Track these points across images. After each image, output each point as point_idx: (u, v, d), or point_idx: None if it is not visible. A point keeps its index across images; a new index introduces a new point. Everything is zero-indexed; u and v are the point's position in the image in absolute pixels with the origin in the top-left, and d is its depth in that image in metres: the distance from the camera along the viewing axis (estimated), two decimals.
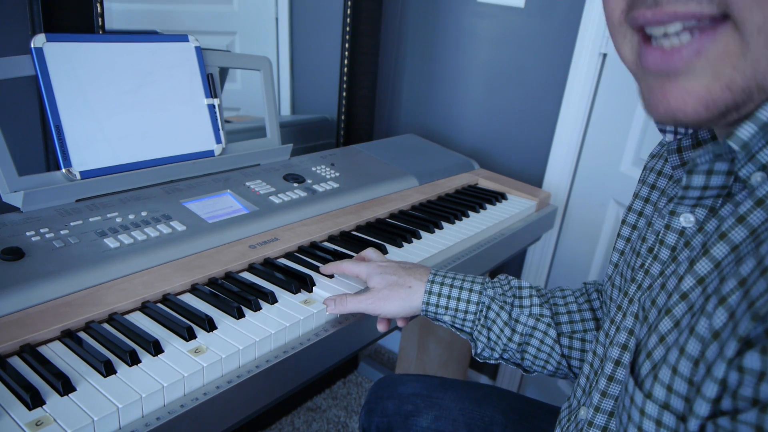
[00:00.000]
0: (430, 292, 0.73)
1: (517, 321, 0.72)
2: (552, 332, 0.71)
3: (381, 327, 0.77)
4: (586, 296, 0.74)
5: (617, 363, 0.52)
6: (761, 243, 0.36)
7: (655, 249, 0.49)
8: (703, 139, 0.50)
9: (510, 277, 0.77)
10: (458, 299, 0.73)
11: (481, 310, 0.72)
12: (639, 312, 0.50)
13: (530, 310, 0.72)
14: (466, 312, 0.73)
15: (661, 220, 0.51)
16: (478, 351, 0.74)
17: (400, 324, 0.78)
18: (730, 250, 0.39)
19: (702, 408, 0.37)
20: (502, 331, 0.72)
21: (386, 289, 0.73)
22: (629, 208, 0.60)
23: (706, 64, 0.36)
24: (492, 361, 0.75)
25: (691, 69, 0.37)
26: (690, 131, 0.50)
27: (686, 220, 0.46)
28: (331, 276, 0.83)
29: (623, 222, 0.61)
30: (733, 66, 0.35)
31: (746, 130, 0.37)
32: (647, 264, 0.51)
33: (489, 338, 0.73)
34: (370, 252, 0.82)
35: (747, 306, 0.35)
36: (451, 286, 0.73)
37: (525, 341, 0.72)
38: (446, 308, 0.73)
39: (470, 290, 0.73)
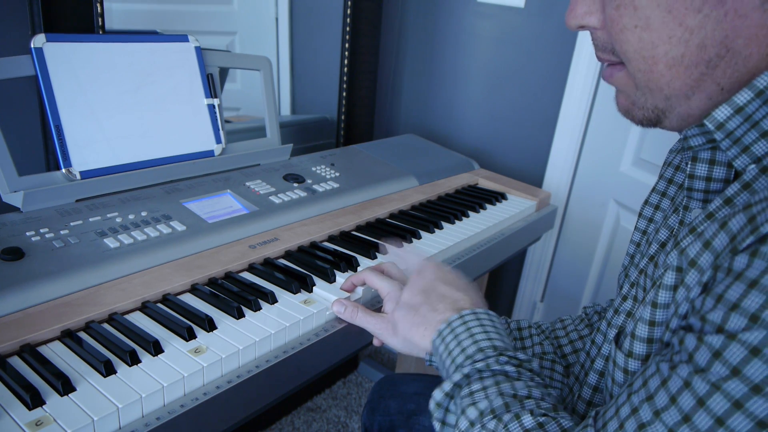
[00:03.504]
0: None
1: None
2: (558, 367, 0.71)
3: (376, 342, 0.72)
4: (587, 321, 0.74)
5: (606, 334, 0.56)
6: (732, 216, 0.40)
7: (669, 244, 0.51)
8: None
9: (509, 320, 0.75)
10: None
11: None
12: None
13: (533, 351, 0.72)
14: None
15: (675, 216, 0.53)
16: None
17: (376, 343, 0.73)
18: (719, 227, 0.42)
19: (674, 323, 0.43)
20: None
21: (400, 322, 0.64)
22: (646, 201, 0.61)
23: (619, 86, 0.49)
24: None
25: (617, 87, 0.50)
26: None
27: (697, 214, 0.47)
28: (350, 291, 0.78)
29: (640, 215, 0.62)
30: (633, 92, 0.48)
31: (721, 112, 0.43)
32: (657, 258, 0.52)
33: None
34: (391, 268, 0.75)
35: (712, 258, 0.41)
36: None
37: None
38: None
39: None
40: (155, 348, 0.62)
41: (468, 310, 0.59)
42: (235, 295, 0.74)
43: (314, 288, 0.79)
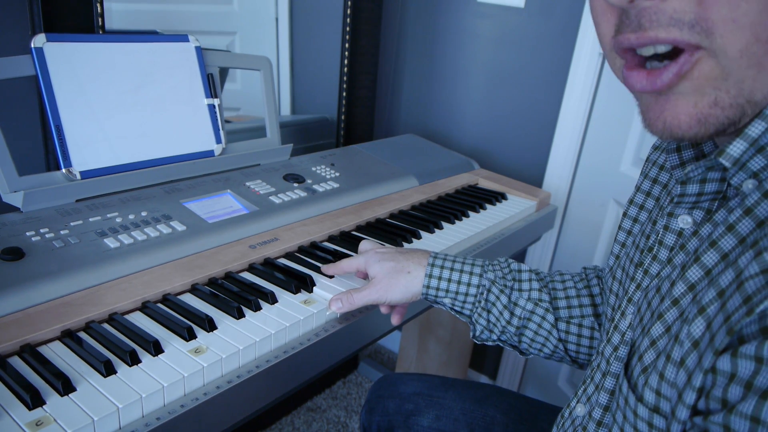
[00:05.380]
0: (430, 276, 0.72)
1: (515, 304, 0.72)
2: (550, 317, 0.71)
3: (395, 320, 0.78)
4: (586, 281, 0.75)
5: (609, 360, 0.53)
6: (742, 254, 0.37)
7: (655, 249, 0.50)
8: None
9: (510, 260, 0.76)
10: (459, 282, 0.72)
11: (482, 293, 0.72)
12: (635, 314, 0.51)
13: (529, 294, 0.72)
14: (466, 294, 0.73)
15: (662, 220, 0.51)
16: (477, 333, 0.74)
17: (394, 321, 0.78)
18: (720, 258, 0.40)
19: (683, 413, 0.39)
20: (501, 313, 0.72)
21: (387, 277, 0.72)
22: (631, 201, 0.60)
23: (689, 85, 0.37)
24: (489, 343, 0.75)
25: (676, 88, 0.38)
26: None
27: (684, 221, 0.47)
28: (331, 276, 0.83)
29: (624, 215, 0.61)
30: (715, 86, 0.37)
31: (737, 148, 0.39)
32: (646, 263, 0.51)
33: (488, 320, 0.73)
34: (365, 243, 0.81)
35: (723, 319, 0.36)
36: (452, 269, 0.73)
37: (523, 324, 0.72)
38: (446, 291, 0.73)
39: (470, 273, 0.73)
40: (155, 348, 0.62)
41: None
42: (235, 295, 0.74)
43: (314, 288, 0.79)
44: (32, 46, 0.82)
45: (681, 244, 0.47)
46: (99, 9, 0.94)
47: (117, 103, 0.91)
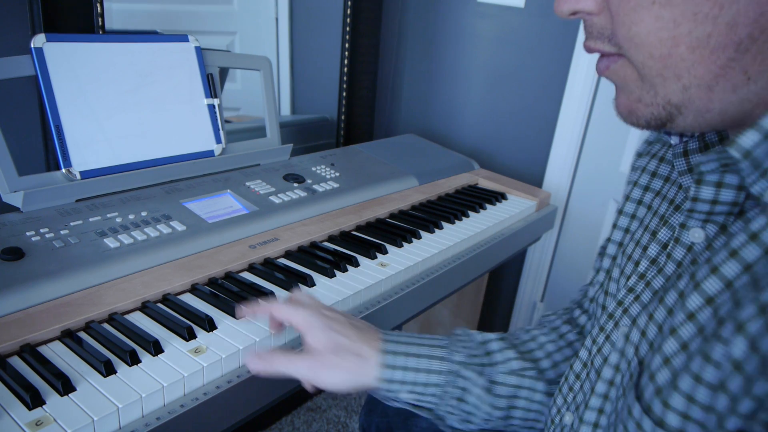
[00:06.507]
0: (389, 366, 0.57)
1: (494, 383, 0.61)
2: (540, 385, 0.62)
3: (309, 387, 0.60)
4: (557, 332, 0.68)
5: (606, 378, 0.51)
6: None
7: (661, 261, 0.48)
8: (711, 142, 0.48)
9: (468, 331, 0.65)
10: (417, 370, 0.58)
11: (450, 381, 0.59)
12: (633, 328, 0.49)
13: (509, 366, 0.62)
14: (426, 385, 0.59)
15: (668, 231, 0.49)
16: (452, 424, 0.61)
17: (309, 389, 0.60)
18: (743, 269, 0.37)
19: (732, 423, 0.36)
20: (479, 398, 0.59)
21: (332, 354, 0.57)
22: (620, 212, 0.58)
23: (617, 80, 0.43)
24: None
25: (614, 82, 0.44)
26: (696, 134, 0.48)
27: (696, 235, 0.44)
28: (276, 328, 0.67)
29: (614, 226, 0.58)
30: (637, 86, 0.41)
31: (749, 138, 0.37)
32: (649, 276, 0.49)
33: (463, 410, 0.60)
34: (303, 297, 0.64)
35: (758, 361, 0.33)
36: (407, 354, 0.59)
37: (510, 405, 0.62)
38: (403, 382, 0.58)
39: (430, 357, 0.59)
40: (155, 348, 0.62)
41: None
42: (235, 295, 0.74)
43: (314, 288, 0.79)
44: (32, 46, 0.82)
45: (692, 259, 0.44)
46: (99, 9, 0.94)
47: (117, 103, 0.91)
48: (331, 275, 0.83)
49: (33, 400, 0.53)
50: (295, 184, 1.06)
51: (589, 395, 0.53)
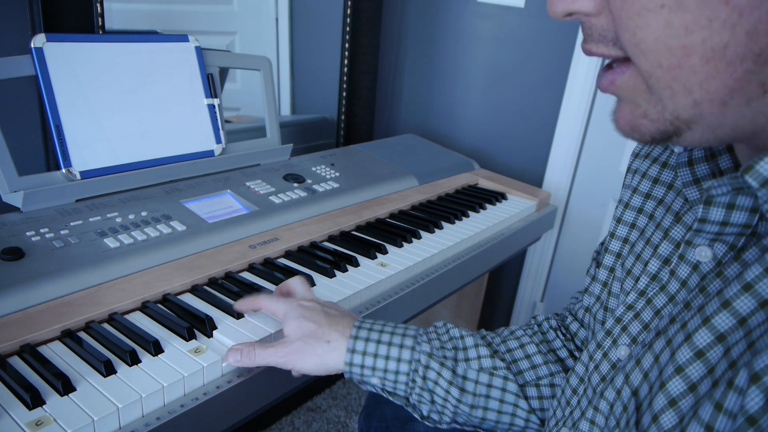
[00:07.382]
0: (353, 351, 0.61)
1: (465, 378, 0.61)
2: (511, 386, 0.61)
3: (295, 374, 0.65)
4: (540, 335, 0.67)
5: (596, 389, 0.50)
6: None
7: (663, 278, 0.45)
8: (718, 151, 0.45)
9: (449, 326, 0.66)
10: (387, 357, 0.61)
11: (416, 370, 0.61)
12: (629, 345, 0.47)
13: (479, 363, 0.62)
14: (396, 373, 0.61)
15: (669, 245, 0.47)
16: (425, 413, 0.63)
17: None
18: (758, 305, 0.34)
19: None
20: (447, 392, 0.61)
21: (300, 341, 0.61)
22: (618, 220, 0.55)
23: (624, 94, 0.38)
24: (444, 426, 0.63)
25: (619, 96, 0.39)
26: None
27: (703, 254, 0.41)
28: (240, 316, 0.71)
29: (612, 235, 0.55)
30: (645, 99, 0.37)
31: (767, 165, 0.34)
32: (650, 293, 0.46)
33: (434, 401, 0.61)
34: (295, 283, 0.69)
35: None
36: (378, 341, 0.61)
37: (481, 404, 0.62)
38: (373, 369, 0.61)
39: (401, 346, 0.61)
40: (155, 348, 0.62)
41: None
42: (236, 294, 0.74)
43: (314, 288, 0.79)
44: (32, 46, 0.82)
45: (701, 287, 0.41)
46: (99, 9, 0.94)
47: (117, 103, 0.91)
48: (331, 275, 0.83)
49: (33, 400, 0.53)
50: (295, 184, 1.06)
51: (586, 411, 0.51)
